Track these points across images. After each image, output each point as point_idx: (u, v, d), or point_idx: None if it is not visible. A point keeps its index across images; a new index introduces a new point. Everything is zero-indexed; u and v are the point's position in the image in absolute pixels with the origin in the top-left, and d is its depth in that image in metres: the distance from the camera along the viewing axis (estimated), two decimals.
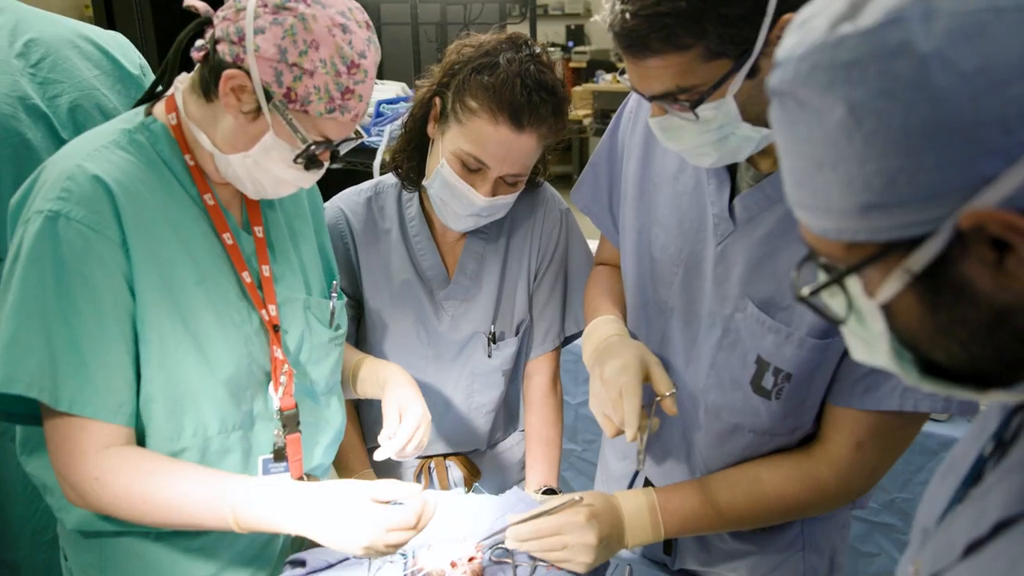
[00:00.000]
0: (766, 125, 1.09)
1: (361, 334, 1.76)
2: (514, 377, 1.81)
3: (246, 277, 1.28)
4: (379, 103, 3.27)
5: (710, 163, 1.16)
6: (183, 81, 1.24)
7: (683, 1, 0.97)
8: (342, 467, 1.73)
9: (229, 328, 1.25)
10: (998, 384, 0.63)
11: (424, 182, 1.58)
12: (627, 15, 1.01)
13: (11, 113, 1.66)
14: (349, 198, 1.72)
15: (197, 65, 1.19)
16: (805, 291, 0.68)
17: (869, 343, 0.69)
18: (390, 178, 1.73)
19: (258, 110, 1.15)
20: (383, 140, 3.12)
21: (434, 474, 1.81)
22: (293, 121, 1.15)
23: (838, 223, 0.61)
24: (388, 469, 1.82)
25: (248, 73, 1.12)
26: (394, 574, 1.31)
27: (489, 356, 1.73)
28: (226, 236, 1.27)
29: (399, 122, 3.18)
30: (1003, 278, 0.56)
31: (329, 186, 1.73)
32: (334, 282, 1.48)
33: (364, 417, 1.81)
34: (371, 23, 1.20)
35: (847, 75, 0.57)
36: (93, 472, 1.15)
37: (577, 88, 8.65)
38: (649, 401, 1.26)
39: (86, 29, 1.83)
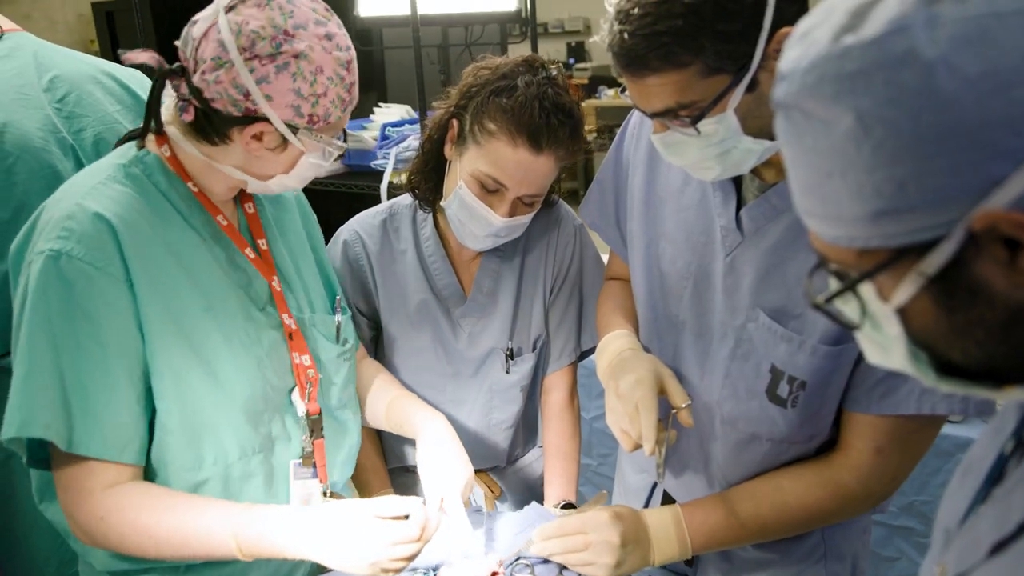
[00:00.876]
0: (768, 137, 1.10)
1: (380, 354, 1.77)
2: (532, 393, 1.82)
3: (276, 285, 1.32)
4: (384, 126, 3.30)
5: (713, 177, 1.17)
6: (167, 117, 1.24)
7: (679, 19, 0.99)
8: (362, 487, 1.74)
9: (239, 352, 1.26)
10: (1016, 381, 0.64)
11: (442, 203, 1.60)
12: (625, 35, 1.03)
13: (43, 147, 1.70)
14: (364, 221, 1.74)
15: (188, 116, 1.18)
16: (819, 299, 0.69)
17: (885, 347, 0.70)
18: (404, 199, 1.75)
19: (285, 142, 1.19)
20: (389, 163, 3.14)
21: None
22: (324, 138, 1.20)
23: (849, 231, 0.62)
24: (407, 487, 1.83)
25: (269, 120, 1.15)
26: None
27: (507, 372, 1.74)
28: (248, 251, 1.30)
29: (404, 144, 3.20)
30: (1017, 276, 0.57)
31: (334, 209, 1.76)
32: (337, 297, 1.49)
33: (385, 436, 1.82)
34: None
35: (853, 85, 0.58)
36: (98, 512, 1.15)
37: None
38: (665, 414, 1.27)
39: (107, 66, 1.88)
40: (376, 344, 1.78)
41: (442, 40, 3.85)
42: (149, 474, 1.22)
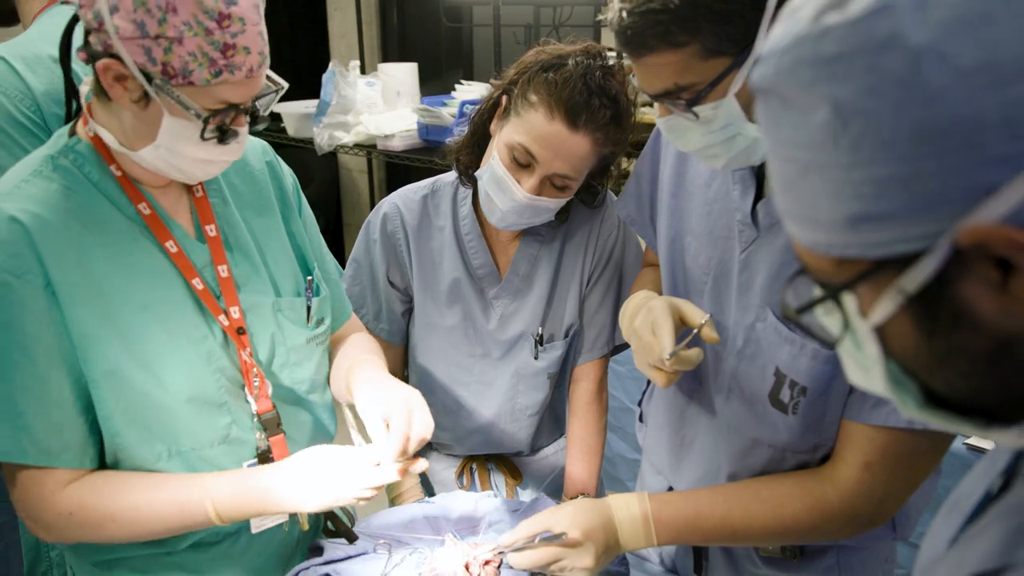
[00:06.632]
0: None
1: (410, 328, 1.77)
2: (560, 382, 1.79)
3: (196, 284, 1.20)
4: (463, 103, 3.29)
5: (721, 165, 1.13)
6: (87, 88, 1.15)
7: None
8: None
9: (185, 348, 1.19)
10: (1002, 421, 0.56)
11: (476, 173, 1.59)
12: (624, 13, 1.00)
13: None
14: (406, 195, 1.73)
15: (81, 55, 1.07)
16: (791, 308, 0.62)
17: (865, 367, 0.62)
18: (448, 176, 1.74)
19: (146, 95, 1.05)
20: None
21: (476, 475, 1.81)
22: (182, 97, 1.04)
23: (826, 236, 0.56)
24: None
25: (121, 58, 1.02)
26: (409, 571, 1.31)
27: (535, 358, 1.71)
28: (169, 244, 1.19)
29: None
30: (1007, 302, 0.49)
31: (397, 183, 1.76)
32: (308, 278, 1.38)
33: None
34: None
35: (832, 71, 0.51)
36: (65, 509, 1.13)
37: None
38: (686, 336, 1.19)
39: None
40: (408, 319, 1.77)
41: (533, 20, 3.81)
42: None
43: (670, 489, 1.47)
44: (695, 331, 1.18)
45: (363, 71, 3.85)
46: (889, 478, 1.13)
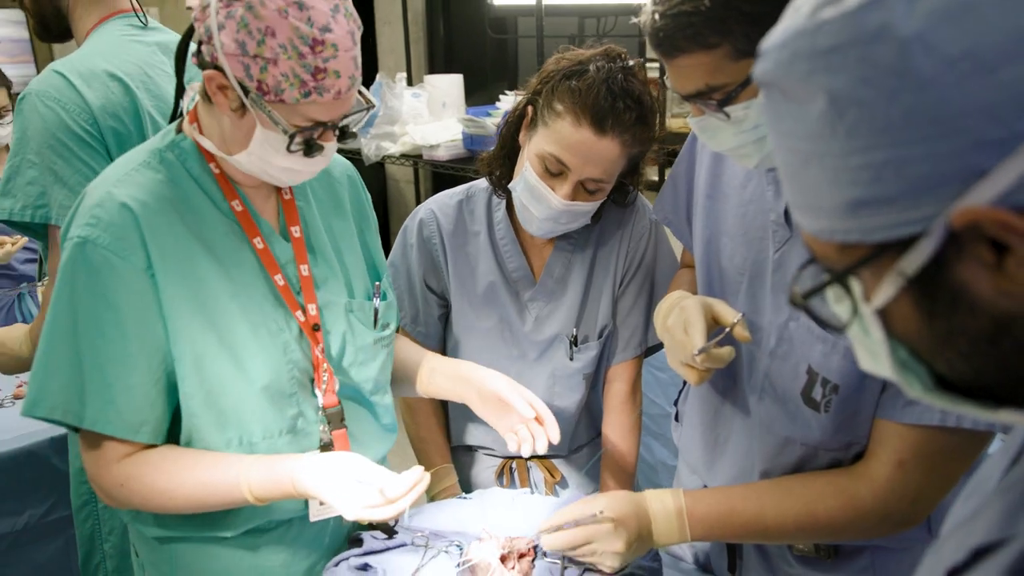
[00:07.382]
0: None
1: (447, 331, 1.81)
2: (596, 383, 1.81)
3: (278, 280, 1.28)
4: (507, 113, 3.33)
5: (754, 164, 1.14)
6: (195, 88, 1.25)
7: (708, 0, 0.98)
8: (423, 460, 1.78)
9: (265, 338, 1.26)
10: (1010, 402, 0.58)
11: (510, 185, 1.62)
12: (657, 16, 1.03)
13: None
14: (442, 201, 1.78)
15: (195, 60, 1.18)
16: (797, 293, 0.64)
17: (873, 352, 0.64)
18: (483, 182, 1.78)
19: (244, 106, 1.14)
20: None
21: (515, 474, 1.83)
22: (272, 113, 1.12)
23: (829, 222, 0.58)
24: (468, 467, 1.87)
25: (224, 71, 1.11)
26: (446, 564, 1.34)
27: (571, 359, 1.74)
28: (256, 241, 1.27)
29: None
30: (1003, 282, 0.51)
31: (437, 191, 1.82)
32: (377, 283, 1.46)
33: (452, 411, 1.86)
34: None
35: (827, 63, 0.53)
36: (119, 479, 1.22)
37: None
38: (719, 334, 1.22)
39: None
40: (445, 322, 1.81)
41: (577, 31, 3.84)
42: None
43: (705, 487, 1.49)
44: (727, 330, 1.20)
45: (410, 83, 3.92)
46: (922, 477, 1.14)
